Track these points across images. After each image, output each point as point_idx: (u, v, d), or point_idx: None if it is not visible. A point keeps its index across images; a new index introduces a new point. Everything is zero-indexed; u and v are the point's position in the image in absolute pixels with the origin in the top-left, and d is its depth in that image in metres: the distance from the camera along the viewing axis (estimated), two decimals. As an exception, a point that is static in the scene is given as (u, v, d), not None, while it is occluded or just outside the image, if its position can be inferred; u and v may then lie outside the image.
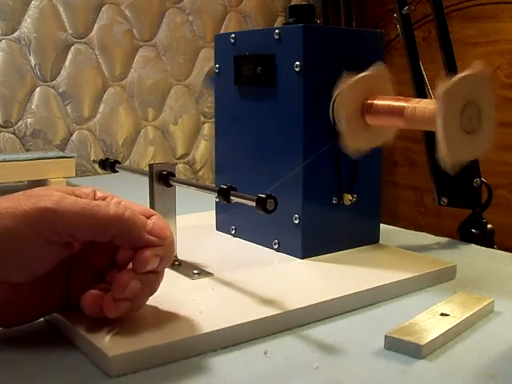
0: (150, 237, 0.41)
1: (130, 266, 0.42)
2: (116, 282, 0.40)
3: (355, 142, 0.55)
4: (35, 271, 0.40)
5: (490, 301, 0.49)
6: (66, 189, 0.43)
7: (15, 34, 1.28)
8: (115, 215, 0.40)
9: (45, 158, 1.04)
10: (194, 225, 0.73)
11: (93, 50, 1.39)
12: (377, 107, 0.55)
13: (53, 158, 1.05)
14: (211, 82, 0.70)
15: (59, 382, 0.37)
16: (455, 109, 0.49)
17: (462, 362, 0.40)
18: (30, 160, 1.03)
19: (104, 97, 1.42)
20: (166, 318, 0.44)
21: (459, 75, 0.49)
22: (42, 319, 0.45)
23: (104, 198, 0.44)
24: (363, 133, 0.56)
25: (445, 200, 0.73)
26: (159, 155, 1.53)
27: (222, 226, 0.70)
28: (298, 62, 0.57)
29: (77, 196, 0.42)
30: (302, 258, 0.59)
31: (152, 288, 0.42)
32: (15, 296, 0.41)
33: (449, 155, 0.49)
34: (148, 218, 0.43)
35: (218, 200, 0.49)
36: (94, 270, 0.44)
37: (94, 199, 0.44)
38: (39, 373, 0.38)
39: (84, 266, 0.44)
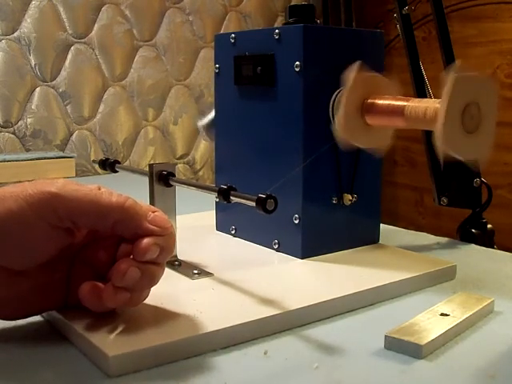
0: (151, 226, 0.42)
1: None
2: (115, 270, 0.41)
3: (355, 142, 0.55)
4: (36, 257, 0.41)
5: (489, 301, 0.49)
6: (71, 181, 0.43)
7: (15, 34, 1.28)
8: (116, 203, 0.41)
9: (45, 158, 1.04)
10: (194, 225, 0.73)
11: (93, 49, 1.39)
12: (377, 107, 0.55)
13: (53, 158, 1.05)
14: (211, 132, 0.71)
15: (59, 382, 0.37)
16: (457, 110, 0.49)
17: (462, 362, 0.40)
18: (30, 160, 1.03)
19: (104, 97, 1.42)
20: (166, 317, 0.44)
21: (456, 77, 0.49)
22: (41, 319, 0.45)
23: None
24: (363, 133, 0.56)
25: (445, 200, 0.73)
26: (159, 155, 1.53)
27: (222, 226, 0.70)
28: (297, 62, 0.57)
29: None
30: (302, 258, 0.59)
31: (151, 279, 0.42)
32: (15, 286, 0.41)
33: (447, 150, 0.48)
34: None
35: (217, 200, 0.49)
36: (96, 269, 0.44)
37: None
38: (39, 373, 0.38)
39: (85, 264, 0.44)
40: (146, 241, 0.41)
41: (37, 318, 0.45)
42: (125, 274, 0.40)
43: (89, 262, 0.44)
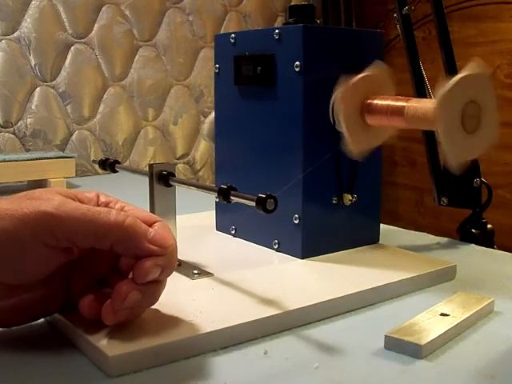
0: (151, 246, 0.41)
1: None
2: (116, 293, 0.40)
3: (355, 141, 0.55)
4: (34, 275, 0.40)
5: (490, 301, 0.49)
6: (69, 192, 0.42)
7: (15, 34, 1.28)
8: (115, 223, 0.40)
9: (45, 158, 1.04)
10: (194, 225, 0.73)
11: (93, 49, 1.39)
12: (377, 107, 0.55)
13: (53, 158, 1.05)
14: None
15: (59, 382, 0.37)
16: (455, 109, 0.49)
17: (462, 362, 0.40)
18: (30, 160, 1.03)
19: (104, 97, 1.42)
20: (165, 318, 0.44)
21: (458, 76, 0.49)
22: (42, 319, 0.45)
23: (107, 203, 0.44)
24: (363, 133, 0.56)
25: (445, 200, 0.73)
26: (159, 155, 1.53)
27: (222, 226, 0.70)
28: (297, 62, 0.57)
29: (80, 200, 0.42)
30: (302, 258, 0.59)
31: (153, 298, 0.42)
32: (15, 297, 0.41)
33: (451, 155, 0.49)
34: (151, 225, 0.42)
35: (217, 200, 0.49)
36: (96, 274, 0.44)
37: (97, 204, 0.44)
38: (39, 373, 0.38)
39: (85, 270, 0.44)
40: (146, 264, 0.40)
41: (37, 318, 0.45)
42: (125, 297, 0.39)
43: (88, 269, 0.44)
